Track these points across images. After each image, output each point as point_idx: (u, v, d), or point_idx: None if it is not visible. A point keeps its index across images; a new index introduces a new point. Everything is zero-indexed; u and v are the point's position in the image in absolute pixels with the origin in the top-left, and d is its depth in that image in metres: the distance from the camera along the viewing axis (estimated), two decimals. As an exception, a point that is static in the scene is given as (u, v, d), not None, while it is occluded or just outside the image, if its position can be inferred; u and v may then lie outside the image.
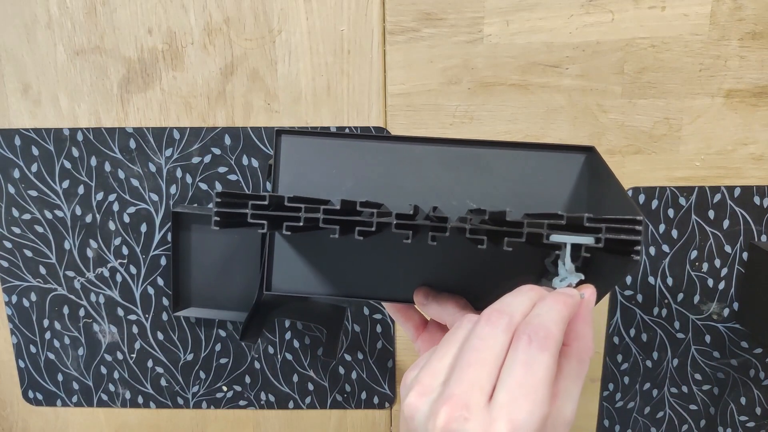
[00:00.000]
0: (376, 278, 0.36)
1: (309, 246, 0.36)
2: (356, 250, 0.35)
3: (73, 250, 0.60)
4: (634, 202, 0.27)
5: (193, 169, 0.58)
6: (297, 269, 0.36)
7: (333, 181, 0.35)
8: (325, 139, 0.35)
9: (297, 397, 0.64)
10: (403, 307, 0.38)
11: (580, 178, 0.34)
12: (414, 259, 0.35)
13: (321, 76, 0.55)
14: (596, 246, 0.26)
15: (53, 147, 0.58)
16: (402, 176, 0.35)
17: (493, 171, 0.34)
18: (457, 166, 0.35)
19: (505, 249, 0.26)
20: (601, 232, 0.26)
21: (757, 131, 0.54)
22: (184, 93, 0.56)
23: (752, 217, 0.56)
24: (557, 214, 0.26)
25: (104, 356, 0.63)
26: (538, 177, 0.34)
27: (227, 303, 0.60)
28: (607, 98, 0.54)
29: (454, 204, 0.34)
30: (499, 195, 0.34)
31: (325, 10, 0.53)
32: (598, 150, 0.33)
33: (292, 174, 0.35)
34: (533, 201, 0.34)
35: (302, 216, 0.27)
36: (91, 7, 0.54)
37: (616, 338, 0.60)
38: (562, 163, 0.34)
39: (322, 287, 0.36)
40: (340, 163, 0.35)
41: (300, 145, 0.35)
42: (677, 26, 0.52)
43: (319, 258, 0.36)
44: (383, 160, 0.35)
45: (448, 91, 0.54)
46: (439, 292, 0.35)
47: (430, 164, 0.35)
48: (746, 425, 0.62)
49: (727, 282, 0.58)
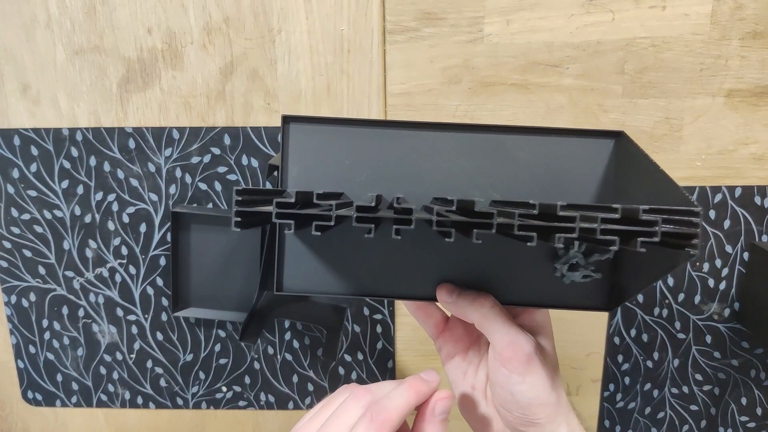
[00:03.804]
0: (394, 275, 0.34)
1: (322, 242, 0.33)
2: (372, 246, 0.33)
3: (72, 251, 0.60)
4: (684, 191, 0.25)
5: (193, 169, 0.58)
6: (309, 267, 0.34)
7: (346, 172, 0.32)
8: (337, 127, 0.32)
9: (297, 398, 0.64)
10: (424, 305, 0.37)
11: (609, 166, 0.32)
12: (431, 253, 0.33)
13: (321, 75, 0.55)
14: (652, 241, 0.24)
15: (52, 147, 0.57)
16: (420, 166, 0.32)
17: (516, 158, 0.32)
18: (478, 154, 0.32)
19: (555, 245, 0.24)
20: (657, 224, 0.23)
21: (758, 131, 0.54)
22: (183, 93, 0.56)
23: (753, 217, 0.56)
24: (611, 207, 0.24)
25: (104, 356, 0.63)
26: (564, 164, 0.32)
27: (227, 303, 0.60)
28: (608, 98, 0.54)
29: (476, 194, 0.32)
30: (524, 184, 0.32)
31: (325, 10, 0.53)
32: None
33: (301, 165, 0.32)
34: (560, 190, 0.32)
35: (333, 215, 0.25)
36: (91, 7, 0.54)
37: (617, 338, 0.60)
38: (590, 149, 0.32)
39: (338, 286, 0.34)
40: (353, 152, 0.32)
41: (310, 133, 0.32)
42: (678, 26, 0.52)
43: (333, 255, 0.33)
44: (399, 148, 0.32)
45: (449, 90, 0.54)
46: (464, 289, 0.34)
47: (449, 152, 0.32)
48: (747, 426, 0.62)
49: (728, 282, 0.58)
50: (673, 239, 0.24)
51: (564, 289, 0.34)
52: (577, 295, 0.34)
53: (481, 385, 0.38)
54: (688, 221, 0.23)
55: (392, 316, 0.61)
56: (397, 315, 0.61)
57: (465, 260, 0.33)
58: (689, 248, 0.24)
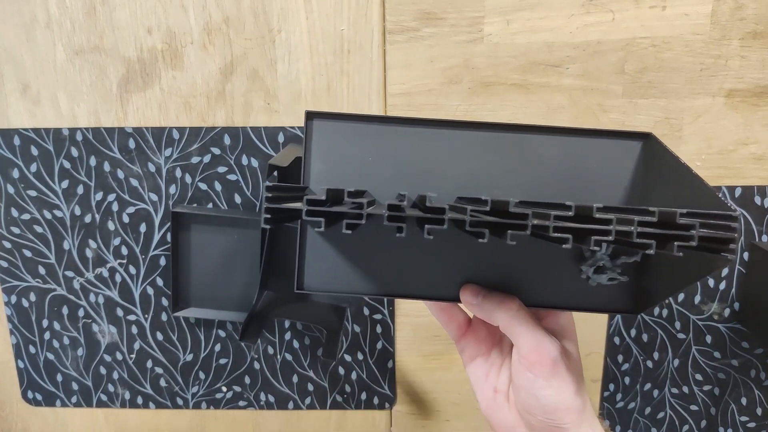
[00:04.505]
0: (416, 275, 0.33)
1: (344, 241, 0.33)
2: (395, 245, 0.33)
3: (72, 251, 0.60)
4: (719, 195, 0.25)
5: (193, 169, 0.58)
6: (330, 266, 0.33)
7: (368, 169, 0.32)
8: (360, 124, 0.32)
9: (297, 398, 0.64)
10: (447, 307, 0.37)
11: (637, 168, 0.31)
12: (455, 253, 0.33)
13: (321, 75, 0.55)
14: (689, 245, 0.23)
15: (52, 147, 0.57)
16: (443, 164, 0.32)
17: (540, 159, 0.32)
18: (501, 153, 0.32)
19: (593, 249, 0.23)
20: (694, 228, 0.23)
21: (758, 131, 0.54)
22: (183, 93, 0.56)
23: (753, 217, 0.56)
24: (648, 210, 0.23)
25: (104, 356, 0.63)
26: (590, 165, 0.32)
27: (227, 303, 0.60)
28: (608, 98, 0.54)
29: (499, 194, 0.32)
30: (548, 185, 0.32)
31: (325, 10, 0.53)
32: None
33: (324, 161, 0.32)
34: (585, 192, 0.32)
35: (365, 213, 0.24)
36: (91, 7, 0.54)
37: (617, 338, 0.60)
38: (617, 150, 0.32)
39: (359, 285, 0.33)
40: (375, 149, 0.32)
41: (333, 130, 0.32)
42: (678, 26, 0.52)
43: (355, 254, 0.33)
44: (422, 146, 0.32)
45: (449, 90, 0.54)
46: (490, 291, 0.33)
47: (472, 151, 0.32)
48: (747, 426, 0.62)
49: (727, 282, 0.58)
50: (710, 243, 0.24)
51: (590, 292, 0.33)
52: (603, 298, 0.33)
53: (503, 387, 0.37)
54: (726, 225, 0.23)
55: (392, 316, 0.61)
56: (397, 315, 0.61)
57: (490, 261, 0.33)
58: (726, 253, 0.23)
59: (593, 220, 0.24)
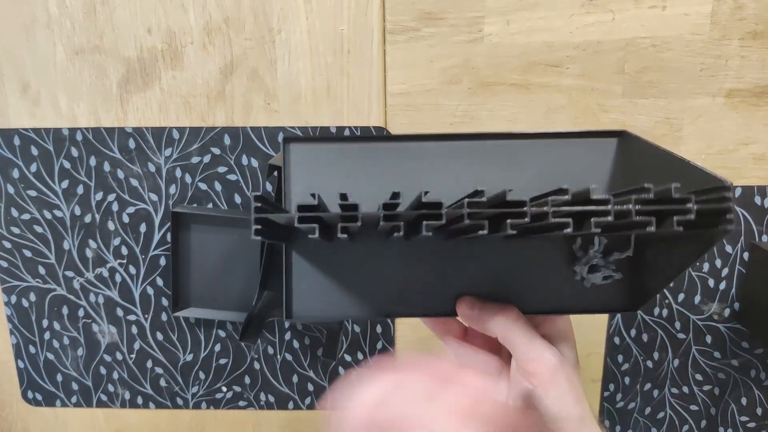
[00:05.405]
0: (410, 293, 0.33)
1: (332, 261, 0.32)
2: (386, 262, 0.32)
3: (72, 251, 0.60)
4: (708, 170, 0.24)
5: (193, 169, 0.58)
6: (321, 291, 0.32)
7: (350, 188, 0.31)
8: (338, 144, 0.32)
9: (297, 398, 0.64)
10: (443, 320, 0.36)
11: (615, 164, 0.32)
12: (448, 267, 0.32)
13: (321, 75, 0.55)
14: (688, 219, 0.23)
15: (52, 147, 0.57)
16: (425, 177, 0.32)
17: (521, 164, 0.32)
18: (483, 163, 0.32)
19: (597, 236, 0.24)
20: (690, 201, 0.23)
21: (758, 131, 0.54)
22: (183, 93, 0.56)
23: (753, 217, 0.56)
24: (644, 188, 0.23)
25: (103, 356, 0.63)
26: (570, 166, 0.32)
27: (227, 303, 0.60)
28: (608, 98, 0.54)
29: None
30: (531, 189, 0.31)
31: (325, 10, 0.53)
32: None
33: (303, 184, 0.32)
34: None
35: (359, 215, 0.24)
36: (91, 7, 0.54)
37: (617, 338, 0.60)
38: (594, 149, 0.32)
39: (351, 308, 0.32)
40: (356, 168, 0.32)
41: (310, 153, 0.32)
42: (678, 26, 0.52)
43: (344, 275, 0.32)
44: (403, 162, 0.32)
45: (449, 90, 0.54)
46: (485, 302, 0.33)
47: (453, 162, 0.32)
48: (747, 426, 0.62)
49: (727, 282, 0.58)
50: (706, 219, 0.24)
51: (586, 293, 0.33)
52: (600, 298, 0.33)
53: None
54: (720, 197, 0.23)
55: (392, 316, 0.61)
56: (397, 315, 0.61)
57: (484, 271, 0.33)
58: (724, 224, 0.23)
59: (591, 202, 0.24)
